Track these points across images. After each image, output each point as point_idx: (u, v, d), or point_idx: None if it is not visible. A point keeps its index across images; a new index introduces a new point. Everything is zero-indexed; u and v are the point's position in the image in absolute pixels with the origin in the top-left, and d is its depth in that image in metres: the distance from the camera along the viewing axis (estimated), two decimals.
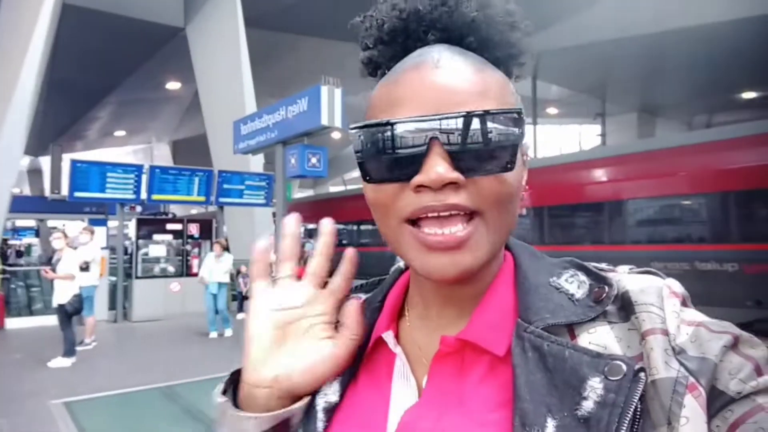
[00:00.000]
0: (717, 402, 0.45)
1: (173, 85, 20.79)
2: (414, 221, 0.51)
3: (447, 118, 0.49)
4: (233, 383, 0.60)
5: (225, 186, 12.73)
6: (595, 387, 0.46)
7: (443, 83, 0.51)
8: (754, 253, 8.47)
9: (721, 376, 0.46)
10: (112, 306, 11.51)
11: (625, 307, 0.51)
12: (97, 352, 8.33)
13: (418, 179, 0.49)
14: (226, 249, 9.71)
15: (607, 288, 0.52)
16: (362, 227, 18.50)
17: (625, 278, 0.54)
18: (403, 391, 0.56)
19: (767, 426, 0.43)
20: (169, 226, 12.73)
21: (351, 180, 34.02)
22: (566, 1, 12.96)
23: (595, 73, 16.95)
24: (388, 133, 0.51)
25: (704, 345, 0.47)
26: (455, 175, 0.49)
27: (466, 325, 0.55)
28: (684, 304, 0.51)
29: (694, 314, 0.50)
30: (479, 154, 0.50)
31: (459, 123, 0.49)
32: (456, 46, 0.57)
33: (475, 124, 0.49)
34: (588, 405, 0.45)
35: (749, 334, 0.49)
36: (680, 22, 12.69)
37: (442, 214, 0.50)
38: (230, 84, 14.10)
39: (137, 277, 11.75)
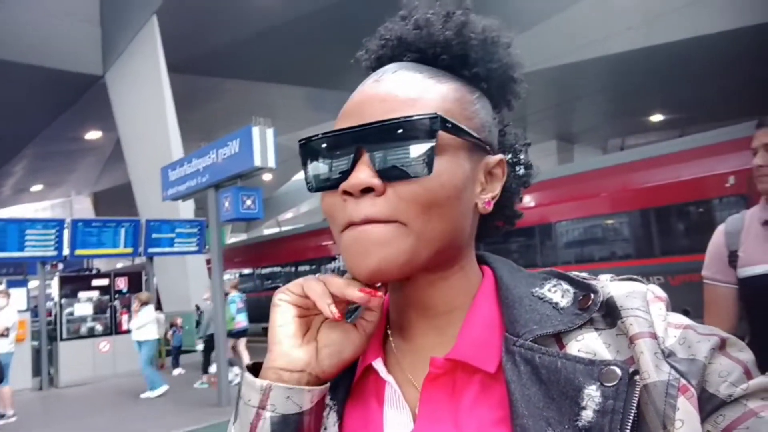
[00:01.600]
0: (708, 405, 0.45)
1: (93, 135, 20.12)
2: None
3: (366, 127, 0.51)
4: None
5: (154, 235, 12.25)
6: (592, 395, 0.45)
7: (376, 94, 0.54)
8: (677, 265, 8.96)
9: (710, 378, 0.46)
10: (37, 372, 10.70)
11: (611, 313, 0.51)
12: (21, 424, 7.68)
13: (341, 186, 0.52)
14: (145, 303, 9.31)
15: (592, 295, 0.52)
16: (300, 268, 18.24)
17: (608, 285, 0.54)
18: (397, 420, 0.55)
19: (759, 430, 0.43)
20: (95, 282, 12.07)
21: (285, 221, 33.68)
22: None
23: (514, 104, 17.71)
24: (324, 144, 0.54)
25: (693, 347, 0.48)
26: (373, 181, 0.50)
27: (454, 345, 0.54)
28: (667, 308, 0.52)
29: (679, 318, 0.51)
30: (396, 159, 0.51)
31: (381, 130, 0.51)
32: (424, 64, 0.59)
33: (397, 130, 0.51)
34: (588, 414, 0.45)
35: (735, 338, 0.49)
36: (589, 53, 13.57)
37: (357, 222, 0.51)
38: (154, 130, 13.77)
39: (62, 339, 11.01)
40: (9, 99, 15.95)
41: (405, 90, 0.54)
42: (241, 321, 9.74)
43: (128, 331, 10.62)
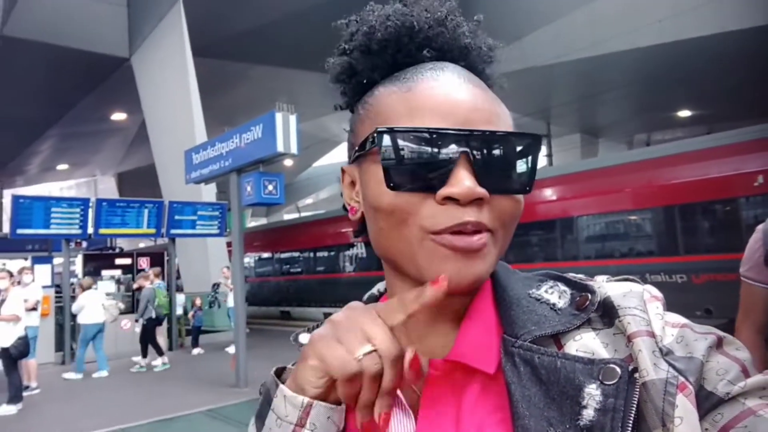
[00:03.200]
0: (706, 403, 0.46)
1: (118, 116, 20.34)
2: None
3: (477, 133, 0.50)
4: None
5: (176, 217, 12.43)
6: (593, 394, 0.45)
7: (470, 99, 0.53)
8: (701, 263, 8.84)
9: (708, 375, 0.46)
10: (59, 347, 10.96)
11: (608, 313, 0.51)
12: (44, 397, 7.90)
13: (447, 191, 0.49)
14: (87, 288, 9.65)
15: (589, 295, 0.53)
16: (319, 254, 18.34)
17: (605, 285, 0.55)
18: (400, 423, 0.54)
19: (758, 429, 0.43)
20: (118, 261, 12.31)
21: (305, 207, 33.85)
22: (507, 28, 13.42)
23: (539, 96, 17.54)
24: (421, 141, 0.50)
25: (691, 345, 0.48)
26: (483, 191, 0.49)
27: (453, 346, 0.54)
28: (663, 307, 0.52)
29: (676, 317, 0.52)
30: (504, 172, 0.51)
31: (489, 140, 0.50)
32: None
33: (504, 143, 0.51)
34: (589, 413, 0.45)
35: (732, 337, 0.50)
36: (616, 46, 13.33)
37: (460, 230, 0.49)
38: (179, 113, 13.90)
39: None
40: (36, 79, 16.20)
41: (491, 101, 0.54)
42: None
43: None
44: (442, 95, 0.52)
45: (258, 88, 17.67)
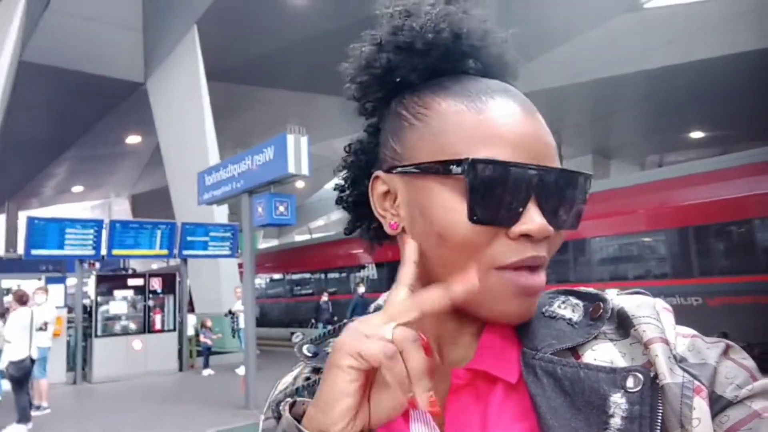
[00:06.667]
0: (715, 406, 0.46)
1: (133, 139, 20.64)
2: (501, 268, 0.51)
3: (551, 171, 0.50)
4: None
5: (188, 238, 12.52)
6: (618, 402, 0.46)
7: (539, 132, 0.53)
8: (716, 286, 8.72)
9: (718, 380, 0.47)
10: (71, 367, 10.99)
11: (623, 324, 0.52)
12: (54, 417, 7.89)
13: (524, 228, 0.49)
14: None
15: (602, 303, 0.54)
16: (330, 275, 18.32)
17: (616, 298, 0.55)
18: None
19: (761, 431, 0.44)
20: (131, 282, 12.36)
21: (316, 228, 33.92)
22: (519, 49, 13.51)
23: (550, 116, 17.42)
24: (505, 174, 0.49)
25: (703, 352, 0.49)
26: (551, 229, 0.50)
27: (474, 356, 0.54)
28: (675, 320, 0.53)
29: (686, 328, 0.52)
30: (564, 209, 0.52)
31: (557, 177, 0.51)
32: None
33: (568, 180, 0.52)
34: (616, 422, 0.45)
35: (738, 346, 0.50)
36: (628, 67, 13.37)
37: (528, 265, 0.51)
38: (193, 136, 14.09)
39: (97, 336, 11.30)
40: (53, 103, 16.52)
41: (549, 133, 0.54)
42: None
43: (161, 330, 10.79)
44: (517, 126, 0.51)
45: (270, 111, 17.88)
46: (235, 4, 13.02)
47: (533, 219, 0.49)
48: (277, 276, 21.20)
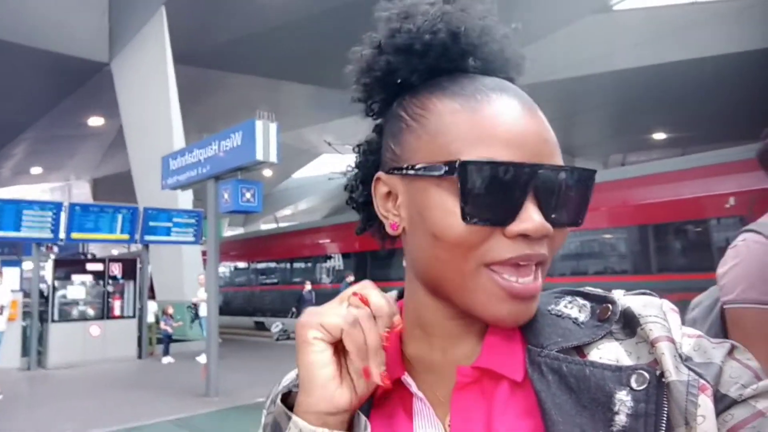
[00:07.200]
0: (719, 405, 0.47)
1: (96, 121, 20.10)
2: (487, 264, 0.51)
3: (549, 168, 0.50)
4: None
5: (151, 223, 12.27)
6: (623, 400, 0.46)
7: (539, 130, 0.52)
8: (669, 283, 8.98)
9: (722, 379, 0.48)
10: (25, 352, 10.70)
11: (629, 324, 0.52)
12: (7, 403, 7.68)
13: (521, 227, 0.49)
14: None
15: (611, 305, 0.53)
16: (296, 265, 18.24)
17: (623, 298, 0.55)
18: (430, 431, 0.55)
19: (765, 430, 0.45)
20: (90, 267, 12.08)
21: (283, 218, 33.68)
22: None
23: None
24: (498, 174, 0.49)
25: (708, 352, 0.49)
26: (550, 227, 0.49)
27: (480, 354, 0.55)
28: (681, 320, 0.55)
29: (690, 329, 0.53)
30: (565, 206, 0.51)
31: (556, 175, 0.50)
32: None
33: (568, 177, 0.51)
34: (621, 419, 0.46)
35: (743, 347, 0.51)
36: (594, 68, 13.62)
37: (521, 263, 0.50)
38: (157, 120, 13.81)
39: (53, 321, 11.02)
40: (14, 81, 15.94)
41: (550, 130, 0.53)
42: None
43: (121, 317, 10.60)
44: (513, 124, 0.51)
45: (238, 97, 17.65)
46: None
47: (530, 217, 0.49)
48: (241, 264, 21.00)
